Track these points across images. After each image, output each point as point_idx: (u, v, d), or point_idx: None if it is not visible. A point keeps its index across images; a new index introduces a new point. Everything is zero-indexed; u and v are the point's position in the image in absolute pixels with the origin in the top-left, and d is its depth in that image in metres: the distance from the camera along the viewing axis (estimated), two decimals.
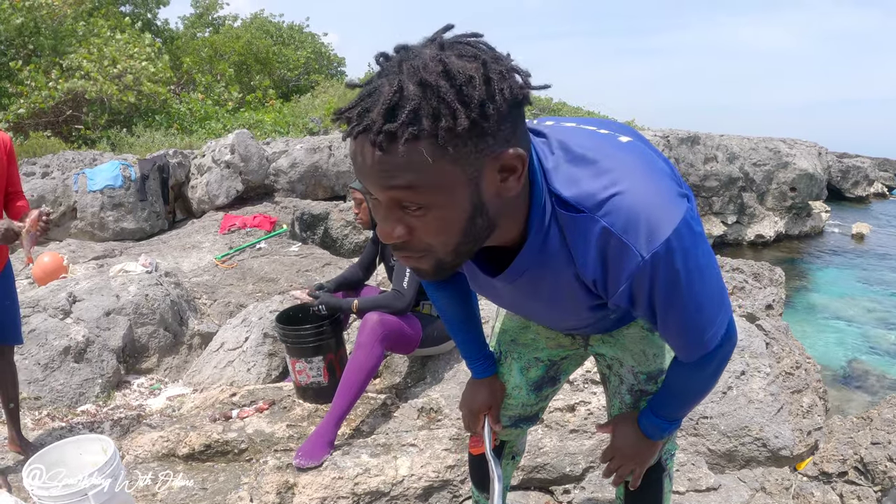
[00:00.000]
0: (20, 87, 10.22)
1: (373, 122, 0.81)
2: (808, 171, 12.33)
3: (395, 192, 0.86)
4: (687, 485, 2.55)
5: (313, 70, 20.22)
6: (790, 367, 3.23)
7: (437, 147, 0.82)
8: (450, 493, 2.51)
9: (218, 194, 7.68)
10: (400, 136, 0.81)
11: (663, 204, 0.97)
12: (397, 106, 0.81)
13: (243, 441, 2.77)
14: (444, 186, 0.86)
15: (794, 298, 8.78)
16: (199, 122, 12.31)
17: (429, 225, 0.90)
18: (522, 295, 1.18)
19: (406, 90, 0.81)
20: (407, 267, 1.05)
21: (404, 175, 0.84)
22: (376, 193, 0.89)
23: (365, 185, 0.89)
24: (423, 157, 0.82)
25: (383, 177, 0.85)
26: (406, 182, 0.84)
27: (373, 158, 0.83)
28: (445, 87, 0.81)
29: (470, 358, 1.60)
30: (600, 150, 1.01)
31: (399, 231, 0.91)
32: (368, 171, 0.86)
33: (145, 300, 4.17)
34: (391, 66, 0.85)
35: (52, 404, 3.44)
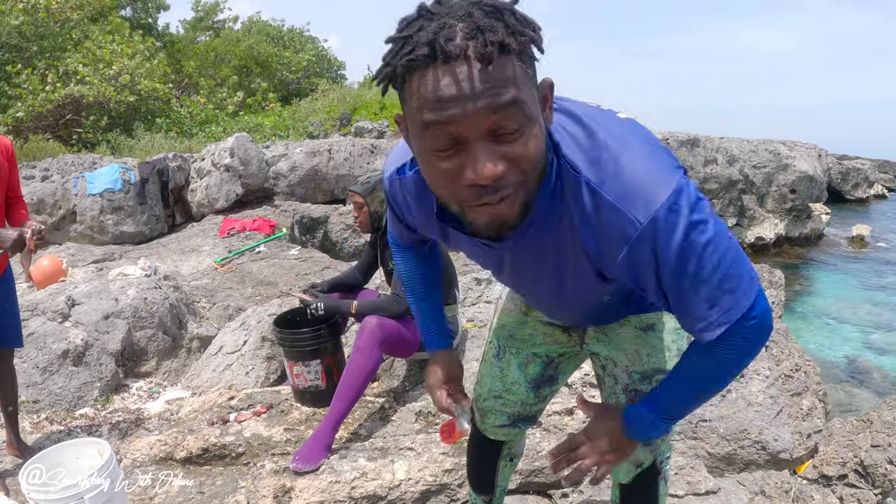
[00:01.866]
0: (19, 91, 10.24)
1: (469, 42, 0.81)
2: (808, 174, 12.33)
3: (502, 112, 0.84)
4: (686, 488, 2.54)
5: (314, 73, 20.25)
6: (790, 369, 3.22)
7: (522, 65, 0.85)
8: (447, 496, 2.50)
9: (217, 198, 7.68)
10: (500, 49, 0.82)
11: (659, 171, 0.97)
12: (481, 29, 0.82)
13: (241, 445, 2.76)
14: (532, 105, 0.88)
15: (794, 301, 8.78)
16: (198, 125, 12.33)
17: (527, 146, 0.88)
18: (526, 261, 1.16)
19: (478, 18, 0.82)
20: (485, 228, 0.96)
21: (510, 89, 0.84)
22: (477, 124, 0.85)
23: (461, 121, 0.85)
24: (520, 74, 0.85)
25: (490, 95, 0.83)
26: (511, 97, 0.84)
27: (477, 80, 0.82)
28: (508, 13, 0.85)
29: (426, 330, 1.62)
30: (600, 120, 1.03)
31: (500, 166, 0.87)
32: (470, 98, 0.83)
33: (144, 304, 4.17)
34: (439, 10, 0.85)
35: (51, 408, 3.44)
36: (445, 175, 0.90)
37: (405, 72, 0.86)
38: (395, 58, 0.87)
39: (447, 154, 0.88)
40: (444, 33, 0.82)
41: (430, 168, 0.92)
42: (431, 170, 0.92)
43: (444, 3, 0.87)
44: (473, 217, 0.95)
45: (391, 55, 0.88)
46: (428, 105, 0.85)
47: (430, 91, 0.84)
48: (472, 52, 0.81)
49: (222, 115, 13.61)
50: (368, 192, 2.90)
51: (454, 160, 0.88)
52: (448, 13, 0.84)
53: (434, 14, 0.85)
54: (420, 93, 0.85)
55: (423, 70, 0.84)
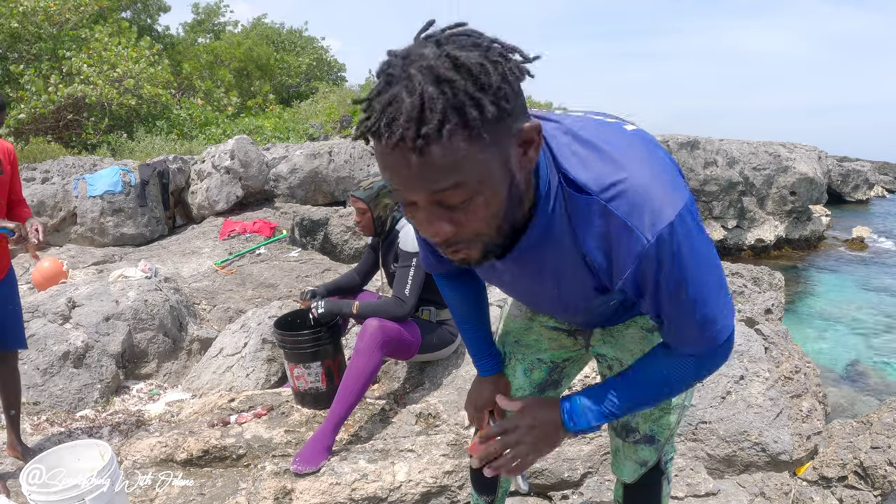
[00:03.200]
0: (21, 92, 10.25)
1: (406, 129, 0.82)
2: (808, 175, 12.34)
3: (442, 195, 0.88)
4: (686, 490, 2.55)
5: (314, 76, 20.27)
6: (789, 371, 3.22)
7: (472, 139, 0.84)
8: (448, 498, 2.50)
9: (218, 200, 7.69)
10: (437, 136, 0.82)
11: (666, 190, 0.99)
12: (423, 109, 0.82)
13: (241, 446, 2.76)
14: (484, 174, 0.89)
15: (794, 303, 8.78)
16: (199, 127, 12.34)
17: (476, 214, 0.92)
18: (528, 275, 1.17)
19: (426, 92, 0.82)
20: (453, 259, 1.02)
21: (448, 175, 0.86)
22: (419, 199, 0.90)
23: (405, 193, 0.90)
24: (462, 152, 0.84)
25: (428, 182, 0.86)
26: (451, 182, 0.86)
27: (413, 166, 0.84)
28: (462, 80, 0.83)
29: (477, 355, 1.61)
30: (607, 138, 1.04)
31: (446, 228, 0.93)
32: (410, 180, 0.87)
33: (145, 305, 4.17)
34: (398, 72, 0.85)
35: (51, 409, 3.44)
36: (414, 223, 0.98)
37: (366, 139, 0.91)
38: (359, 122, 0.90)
39: (408, 208, 0.95)
40: (390, 111, 0.83)
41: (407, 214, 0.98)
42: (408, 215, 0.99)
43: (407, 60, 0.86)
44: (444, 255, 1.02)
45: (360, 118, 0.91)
46: (381, 171, 0.91)
47: (379, 161, 0.90)
48: (409, 142, 0.83)
49: (222, 117, 13.63)
50: (372, 199, 2.91)
51: (414, 214, 0.95)
52: (403, 79, 0.84)
53: (392, 79, 0.86)
54: (377, 157, 0.90)
55: (376, 139, 0.87)
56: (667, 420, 1.51)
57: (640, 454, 1.56)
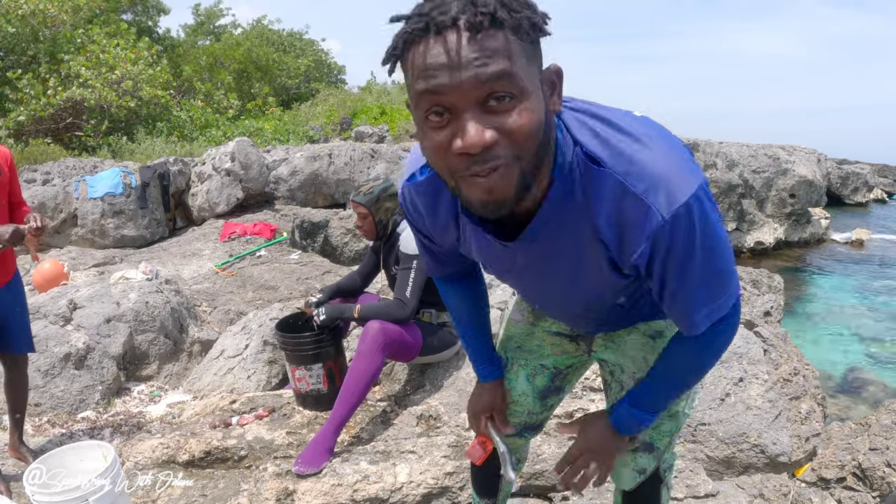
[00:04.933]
0: (20, 95, 10.26)
1: (461, 10, 0.83)
2: (807, 178, 12.35)
3: (491, 83, 0.85)
4: (685, 491, 2.56)
5: (314, 78, 20.29)
6: (788, 373, 3.23)
7: (518, 41, 0.86)
8: (448, 500, 2.52)
9: (218, 202, 7.70)
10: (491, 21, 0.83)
11: (683, 169, 0.99)
12: (471, 2, 0.84)
13: (243, 448, 2.77)
14: (527, 80, 0.88)
15: (793, 305, 8.78)
16: (199, 129, 12.35)
17: (520, 119, 0.88)
18: (541, 263, 1.16)
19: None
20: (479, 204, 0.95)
21: (500, 60, 0.84)
22: (468, 94, 0.86)
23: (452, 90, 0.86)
24: (512, 46, 0.85)
25: (479, 65, 0.84)
26: (502, 67, 0.84)
27: (466, 48, 0.83)
28: None
29: (477, 361, 1.61)
30: (621, 117, 1.05)
31: (490, 133, 0.87)
32: (462, 67, 0.84)
33: (146, 307, 4.18)
34: None
35: (53, 411, 3.45)
36: (439, 146, 0.91)
37: (404, 46, 0.89)
38: (397, 35, 0.89)
39: (439, 123, 0.90)
40: (439, 8, 0.84)
41: (426, 139, 0.93)
42: (427, 141, 0.93)
43: None
44: (467, 193, 0.94)
45: (395, 34, 0.90)
46: (420, 75, 0.87)
47: (422, 61, 0.86)
48: (462, 23, 0.83)
49: (223, 119, 13.64)
50: (373, 203, 2.92)
51: (446, 130, 0.89)
52: None
53: None
54: (415, 64, 0.87)
55: (418, 42, 0.86)
56: (666, 427, 1.49)
57: (638, 462, 1.54)
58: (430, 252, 1.40)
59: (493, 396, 1.60)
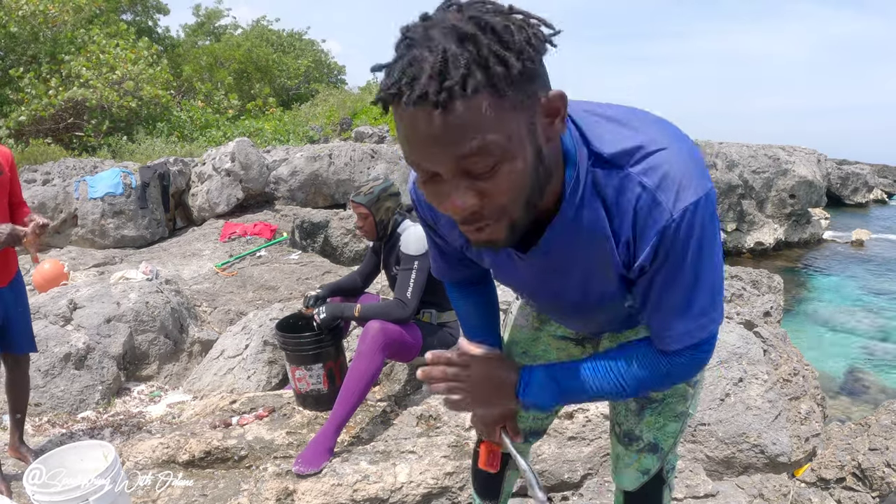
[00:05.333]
0: (21, 95, 10.26)
1: (427, 85, 0.79)
2: (807, 178, 12.36)
3: (467, 160, 0.84)
4: (685, 491, 2.56)
5: (313, 78, 20.29)
6: (788, 373, 3.24)
7: (497, 97, 0.82)
8: (448, 499, 2.52)
9: (218, 202, 7.70)
10: (461, 91, 0.79)
11: (698, 170, 0.98)
12: (446, 66, 0.80)
13: (243, 448, 2.78)
14: (509, 138, 0.85)
15: (793, 306, 8.79)
16: (199, 129, 12.35)
17: (501, 183, 0.87)
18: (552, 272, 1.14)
19: (449, 49, 0.80)
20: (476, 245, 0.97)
21: (472, 136, 0.82)
22: (443, 167, 0.86)
23: (427, 162, 0.86)
24: (487, 111, 0.81)
25: (451, 145, 0.83)
26: (476, 144, 0.83)
27: (436, 127, 0.82)
28: (486, 38, 0.81)
29: None
30: (632, 116, 1.03)
31: (471, 200, 0.88)
32: (433, 143, 0.83)
33: (146, 307, 4.18)
34: (419, 35, 0.83)
35: (53, 411, 3.45)
36: (431, 200, 0.93)
37: (385, 105, 0.87)
38: (380, 87, 0.87)
39: (427, 182, 0.91)
40: (412, 70, 0.81)
41: (422, 188, 0.94)
42: (420, 188, 0.95)
43: (429, 23, 0.85)
44: (466, 234, 0.96)
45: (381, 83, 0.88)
46: (401, 141, 0.88)
47: (399, 129, 0.86)
48: (431, 97, 0.80)
49: (223, 119, 13.64)
50: (373, 203, 2.92)
51: (435, 188, 0.90)
52: (425, 41, 0.82)
53: (413, 42, 0.84)
54: (397, 125, 0.87)
55: (396, 104, 0.85)
56: (671, 428, 1.48)
57: (642, 462, 1.52)
58: (441, 252, 1.38)
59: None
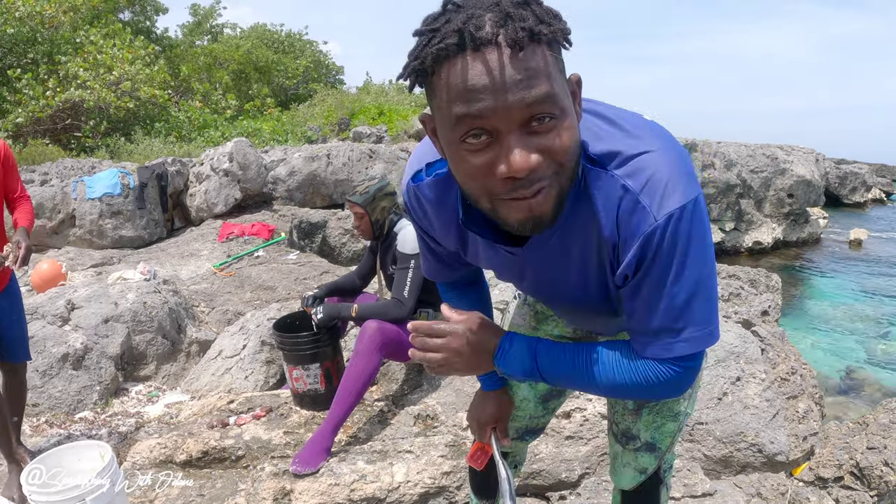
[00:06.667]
0: (18, 96, 10.25)
1: (498, 28, 0.80)
2: (805, 178, 12.36)
3: (537, 104, 0.83)
4: (683, 490, 2.56)
5: (312, 79, 20.28)
6: (786, 372, 3.24)
7: (555, 57, 0.85)
8: (446, 499, 2.52)
9: (216, 202, 7.69)
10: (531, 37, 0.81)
11: (683, 175, 0.97)
12: (511, 18, 0.81)
13: (240, 448, 2.77)
14: (565, 98, 0.87)
15: (791, 305, 8.79)
16: (197, 130, 12.34)
17: (561, 136, 0.86)
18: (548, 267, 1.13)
19: (509, 9, 0.81)
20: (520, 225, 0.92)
21: (543, 80, 0.82)
22: (511, 115, 0.83)
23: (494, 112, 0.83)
24: (551, 64, 0.84)
25: (524, 87, 0.81)
26: (546, 89, 0.83)
27: (510, 68, 0.80)
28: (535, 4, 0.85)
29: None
30: (627, 118, 1.03)
31: (534, 157, 0.85)
32: (504, 88, 0.81)
33: (143, 308, 4.18)
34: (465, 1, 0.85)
35: (51, 411, 3.45)
36: (478, 170, 0.88)
37: (434, 63, 0.84)
38: (423, 50, 0.85)
39: (479, 146, 0.86)
40: (474, 22, 0.80)
41: (462, 163, 0.90)
42: (463, 164, 0.90)
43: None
44: (506, 214, 0.92)
45: (419, 48, 0.86)
46: (459, 97, 0.83)
47: (460, 82, 0.82)
48: (503, 39, 0.80)
49: (221, 119, 13.63)
50: (368, 203, 2.92)
51: (487, 153, 0.87)
52: (475, 4, 0.83)
53: (461, 6, 0.84)
54: (450, 84, 0.83)
55: (452, 60, 0.82)
56: (669, 428, 1.48)
57: (640, 462, 1.53)
58: (433, 253, 1.37)
59: (499, 407, 1.56)
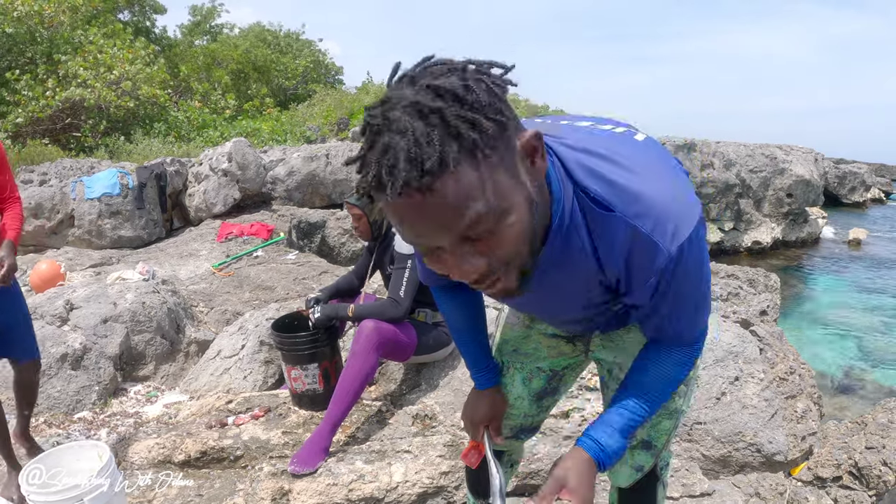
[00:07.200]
0: (17, 97, 10.24)
1: (408, 172, 0.79)
2: (804, 178, 12.37)
3: (468, 230, 0.85)
4: (681, 490, 2.56)
5: (311, 79, 20.28)
6: (784, 372, 3.24)
7: (478, 161, 0.82)
8: (444, 499, 2.52)
9: (215, 202, 7.69)
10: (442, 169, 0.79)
11: (685, 204, 1.03)
12: (419, 145, 0.79)
13: (239, 448, 2.77)
14: (501, 197, 0.86)
15: (789, 304, 8.79)
16: (196, 130, 12.34)
17: (503, 239, 0.89)
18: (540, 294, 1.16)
19: (416, 129, 0.79)
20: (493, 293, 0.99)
21: (467, 209, 0.82)
22: (447, 242, 0.87)
23: (427, 241, 0.88)
24: (474, 179, 0.81)
25: (448, 223, 0.84)
26: (472, 215, 0.83)
27: (427, 211, 0.82)
28: (449, 106, 0.81)
29: (474, 368, 1.58)
30: (620, 150, 1.05)
31: (480, 263, 0.90)
32: (429, 226, 0.85)
33: (142, 308, 4.18)
34: (381, 121, 0.83)
35: (49, 411, 3.45)
36: (439, 270, 0.95)
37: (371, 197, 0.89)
38: (362, 180, 0.87)
39: (430, 252, 0.92)
40: (386, 161, 0.80)
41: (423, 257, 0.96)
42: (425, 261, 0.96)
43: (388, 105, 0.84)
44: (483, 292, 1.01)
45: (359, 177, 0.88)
46: (396, 226, 0.89)
47: (392, 217, 0.88)
48: (415, 184, 0.79)
49: (220, 119, 13.63)
50: (366, 204, 2.92)
51: (438, 260, 0.93)
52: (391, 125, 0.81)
53: (379, 129, 0.83)
54: (387, 213, 0.88)
55: (379, 196, 0.85)
56: (664, 425, 1.48)
57: (636, 459, 1.53)
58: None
59: (492, 406, 1.57)
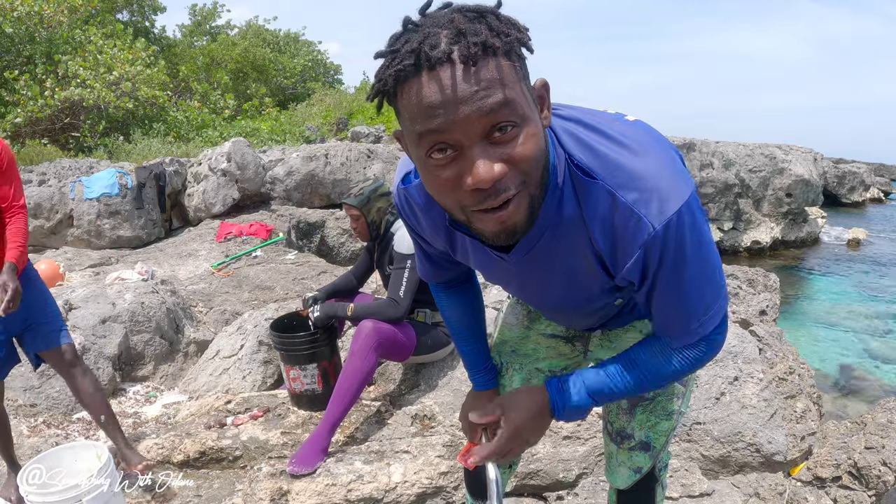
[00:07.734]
0: (17, 96, 10.23)
1: (451, 45, 0.82)
2: (803, 177, 12.36)
3: (493, 114, 0.84)
4: (680, 490, 2.56)
5: (310, 78, 20.28)
6: (784, 372, 3.24)
7: (511, 63, 0.86)
8: (443, 499, 2.51)
9: (214, 202, 7.68)
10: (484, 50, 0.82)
11: (674, 178, 0.98)
12: (464, 34, 0.83)
13: (238, 448, 2.77)
14: (526, 101, 0.88)
15: (788, 304, 8.79)
16: (195, 130, 12.33)
17: (524, 146, 0.87)
18: (536, 272, 1.15)
19: (462, 25, 0.84)
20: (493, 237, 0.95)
21: (498, 90, 0.84)
22: (471, 127, 0.85)
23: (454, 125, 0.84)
24: (507, 72, 0.85)
25: (479, 98, 0.83)
26: (502, 97, 0.84)
27: (463, 82, 0.82)
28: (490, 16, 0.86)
29: (472, 369, 1.57)
30: (610, 123, 1.04)
31: (499, 166, 0.86)
32: (461, 102, 0.83)
33: (141, 308, 4.18)
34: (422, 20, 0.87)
35: (48, 411, 3.44)
36: (446, 183, 0.90)
37: (395, 84, 0.86)
38: (384, 72, 0.87)
39: (444, 162, 0.88)
40: (428, 41, 0.83)
41: (431, 178, 0.92)
42: (432, 180, 0.92)
43: (429, 14, 0.88)
44: (480, 225, 0.94)
45: (381, 70, 0.88)
46: (419, 115, 0.85)
47: (418, 100, 0.84)
48: (456, 56, 0.82)
49: (219, 119, 13.62)
50: (364, 204, 2.92)
51: (452, 167, 0.88)
52: (432, 23, 0.85)
53: (418, 25, 0.86)
54: (411, 104, 0.85)
55: (411, 80, 0.84)
56: (663, 427, 1.48)
57: (634, 461, 1.53)
58: (426, 255, 1.38)
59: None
